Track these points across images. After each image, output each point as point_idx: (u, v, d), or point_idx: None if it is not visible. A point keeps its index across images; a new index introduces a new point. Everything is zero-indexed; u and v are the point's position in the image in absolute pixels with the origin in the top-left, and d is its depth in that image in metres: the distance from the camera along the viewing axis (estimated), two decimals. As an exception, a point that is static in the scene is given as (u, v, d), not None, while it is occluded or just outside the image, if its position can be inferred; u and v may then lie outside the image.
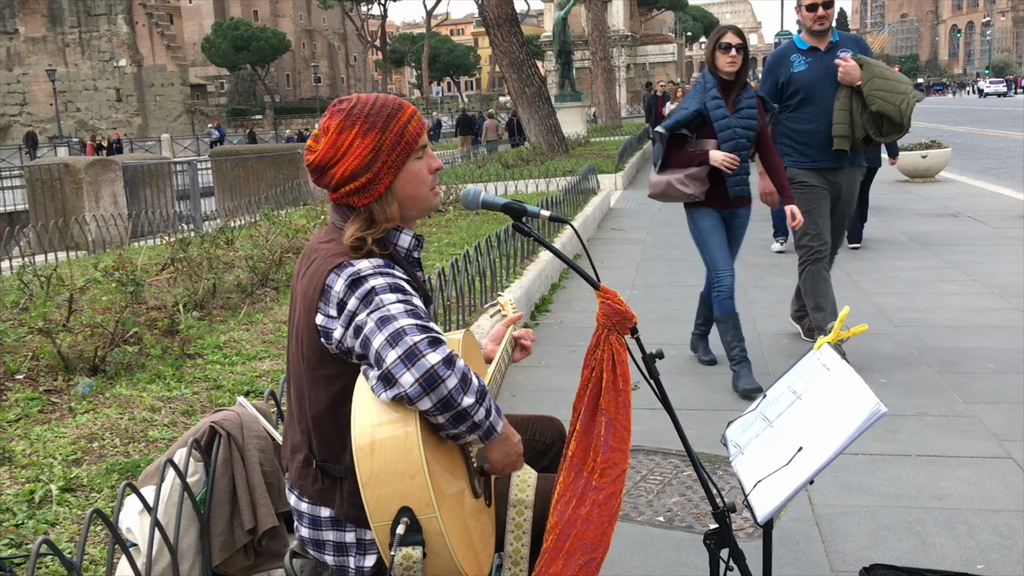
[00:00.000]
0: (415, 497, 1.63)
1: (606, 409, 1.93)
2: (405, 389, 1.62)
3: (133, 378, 3.96)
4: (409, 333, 1.64)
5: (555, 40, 26.23)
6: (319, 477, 1.89)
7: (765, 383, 4.79)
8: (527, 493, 2.00)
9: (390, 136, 1.85)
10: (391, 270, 1.79)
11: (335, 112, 1.86)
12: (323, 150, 1.84)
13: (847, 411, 1.88)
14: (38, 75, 57.55)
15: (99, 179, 11.34)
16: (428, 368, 1.61)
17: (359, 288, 1.74)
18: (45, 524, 2.60)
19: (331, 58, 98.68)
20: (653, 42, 57.82)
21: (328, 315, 1.78)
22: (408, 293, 1.75)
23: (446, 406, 1.64)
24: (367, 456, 1.65)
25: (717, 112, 4.62)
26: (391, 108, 1.87)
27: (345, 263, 1.78)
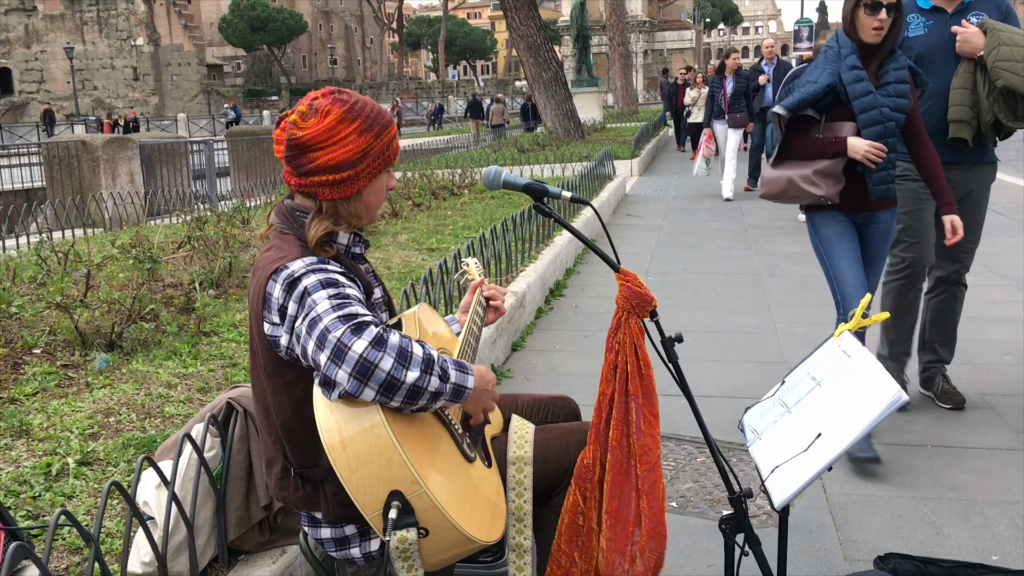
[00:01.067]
0: (398, 479, 1.63)
1: (634, 394, 1.93)
2: (344, 386, 1.61)
3: (149, 354, 3.97)
4: (332, 330, 1.62)
5: (573, 25, 26.14)
6: (300, 485, 1.89)
7: (781, 373, 4.77)
8: (525, 449, 2.01)
9: (380, 144, 1.86)
10: (324, 266, 1.78)
11: (337, 101, 1.84)
12: (315, 132, 1.81)
13: (867, 397, 1.87)
14: (56, 53, 57.73)
15: (116, 157, 11.37)
16: (357, 359, 1.59)
17: (294, 291, 1.73)
18: (62, 497, 2.61)
19: (347, 40, 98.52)
20: (671, 28, 57.43)
21: (273, 322, 1.79)
22: (340, 285, 1.73)
23: (390, 388, 1.61)
24: (340, 453, 1.65)
25: (858, 87, 3.49)
26: (386, 119, 1.88)
27: (280, 267, 1.78)
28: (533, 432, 2.05)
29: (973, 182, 4.04)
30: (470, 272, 2.44)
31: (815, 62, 3.64)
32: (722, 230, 9.63)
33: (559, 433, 2.11)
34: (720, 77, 12.00)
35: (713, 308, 6.26)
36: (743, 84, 11.83)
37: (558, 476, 2.06)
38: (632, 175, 14.94)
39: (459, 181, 10.74)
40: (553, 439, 2.08)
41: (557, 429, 2.13)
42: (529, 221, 6.80)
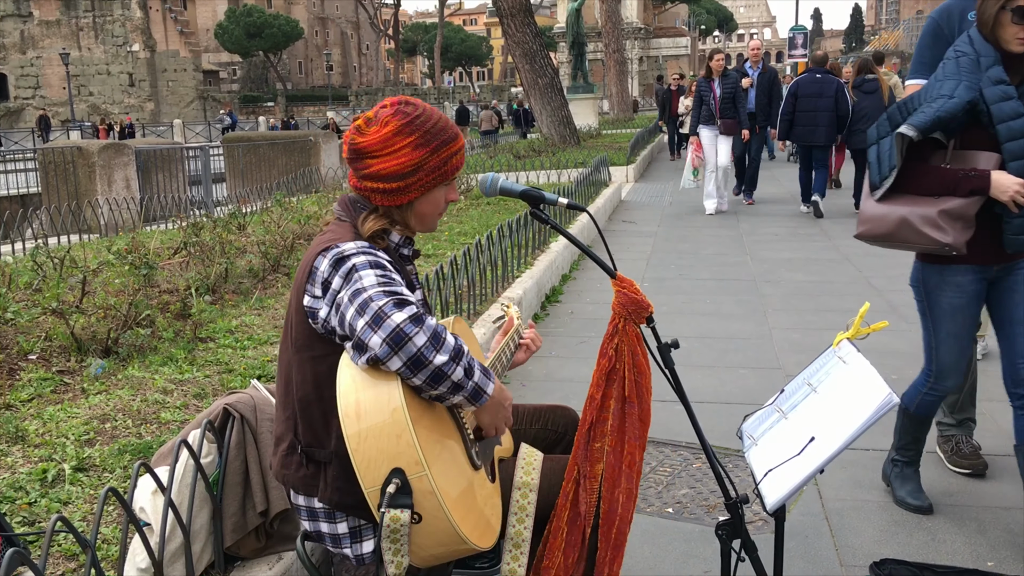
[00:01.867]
0: (404, 456, 1.65)
1: (631, 400, 1.94)
2: (375, 351, 1.65)
3: (145, 360, 3.97)
4: (376, 300, 1.67)
5: (568, 31, 26.14)
6: (303, 463, 1.90)
7: (777, 379, 4.78)
8: (532, 476, 2.01)
9: (436, 159, 1.90)
10: (374, 250, 1.83)
11: (399, 112, 1.89)
12: (374, 140, 1.88)
13: (860, 401, 1.88)
14: (51, 59, 57.69)
15: (112, 163, 11.36)
16: (394, 327, 1.64)
17: (342, 267, 1.78)
18: (58, 503, 2.61)
19: (344, 46, 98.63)
20: (666, 35, 57.63)
21: (314, 295, 1.82)
22: (387, 269, 1.78)
23: (417, 364, 1.65)
24: (353, 420, 1.68)
25: (1006, 107, 2.73)
26: (448, 135, 1.92)
27: (332, 245, 1.83)
28: (542, 461, 2.06)
29: None
30: (508, 314, 2.49)
31: (943, 69, 2.87)
32: (717, 236, 9.65)
33: (567, 465, 2.12)
34: (707, 80, 11.11)
35: (709, 314, 6.28)
36: (732, 87, 10.99)
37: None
38: (628, 181, 14.97)
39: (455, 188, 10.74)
40: (560, 471, 2.08)
41: (566, 462, 2.13)
42: (525, 227, 6.81)
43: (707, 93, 11.01)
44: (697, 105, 11.18)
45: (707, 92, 11.00)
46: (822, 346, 4.23)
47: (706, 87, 11.03)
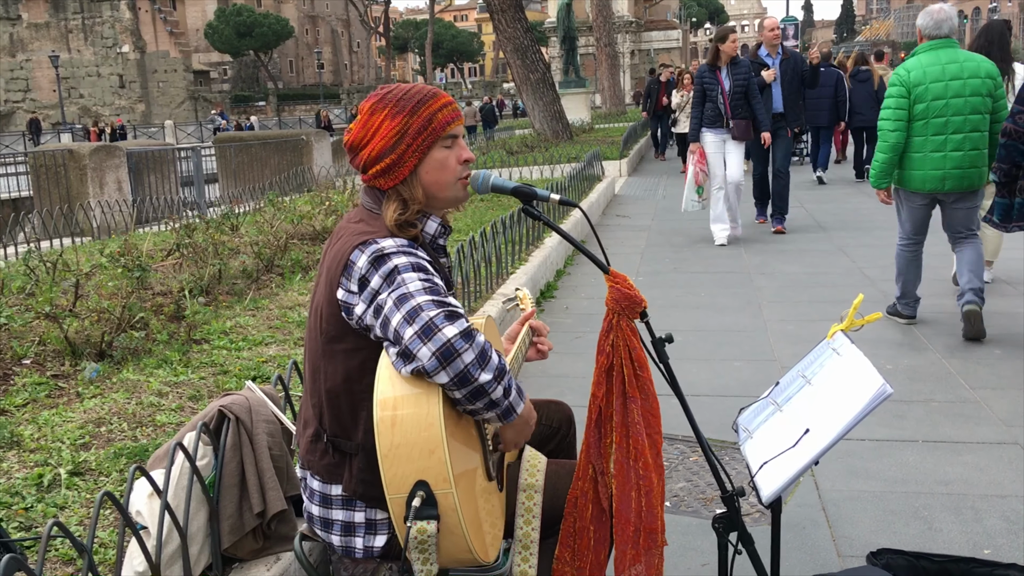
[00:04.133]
0: (433, 472, 1.65)
1: (632, 395, 1.94)
2: (423, 362, 1.64)
3: (140, 363, 3.96)
4: (426, 309, 1.66)
5: (559, 26, 26.12)
6: (329, 451, 1.90)
7: (772, 371, 4.79)
8: (537, 478, 2.01)
9: (417, 120, 1.88)
10: (414, 250, 1.82)
11: (371, 97, 1.93)
12: (356, 131, 1.91)
13: (854, 392, 1.88)
14: (41, 61, 57.49)
15: (103, 165, 11.33)
16: (444, 342, 1.63)
17: (382, 266, 1.76)
18: (54, 508, 2.60)
19: (334, 44, 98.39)
20: (657, 28, 57.50)
21: (349, 290, 1.81)
22: (429, 272, 1.77)
23: (463, 380, 1.65)
24: (388, 429, 1.68)
25: None
26: (423, 95, 1.91)
27: (370, 240, 1.81)
28: (546, 464, 2.07)
29: None
30: (523, 301, 2.48)
31: None
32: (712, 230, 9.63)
33: (571, 468, 2.11)
34: (712, 69, 8.24)
35: (703, 307, 6.28)
36: (745, 77, 8.22)
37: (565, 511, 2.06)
38: (621, 175, 14.98)
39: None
40: (565, 474, 2.08)
41: (570, 466, 2.14)
42: (519, 223, 6.81)
43: (712, 86, 8.24)
44: (699, 102, 8.37)
45: (712, 85, 8.24)
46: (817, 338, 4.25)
47: (711, 78, 8.24)
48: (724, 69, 8.25)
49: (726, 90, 8.23)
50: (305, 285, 5.57)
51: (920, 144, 5.16)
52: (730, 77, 8.23)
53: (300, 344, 4.29)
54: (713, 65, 8.29)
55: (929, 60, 5.16)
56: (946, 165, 5.11)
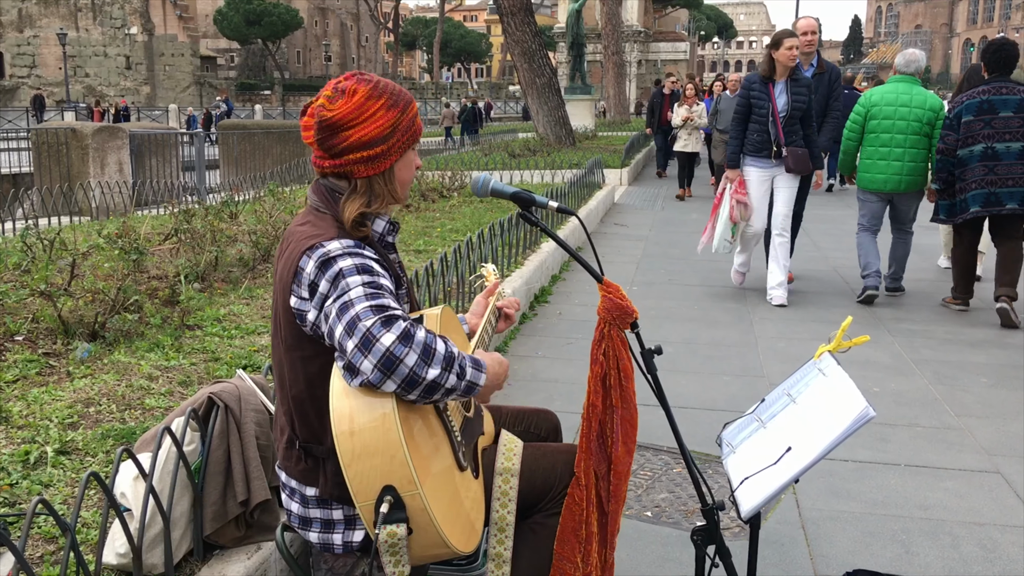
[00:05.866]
0: (397, 475, 1.66)
1: (615, 406, 1.97)
2: (367, 376, 1.64)
3: (132, 346, 3.97)
4: (363, 319, 1.65)
5: (568, 32, 26.15)
6: (302, 458, 1.92)
7: (761, 387, 4.81)
8: (513, 462, 2.03)
9: (407, 119, 1.92)
10: (361, 250, 1.81)
11: (361, 80, 1.89)
12: (345, 111, 1.86)
13: (837, 413, 1.90)
14: (48, 38, 57.39)
15: (105, 146, 11.33)
16: (384, 352, 1.63)
17: (328, 270, 1.76)
18: (39, 485, 2.61)
19: (343, 37, 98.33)
20: (666, 39, 57.62)
21: (301, 297, 1.81)
22: (375, 273, 1.76)
23: (411, 383, 1.65)
24: (347, 439, 1.68)
25: None
26: (408, 96, 1.94)
27: (316, 244, 1.80)
28: (522, 447, 2.09)
29: None
30: (488, 277, 2.50)
31: None
32: (708, 243, 9.67)
33: (547, 452, 2.13)
34: (764, 83, 6.62)
35: (696, 320, 6.31)
36: (805, 98, 6.61)
37: (542, 492, 2.08)
38: (621, 184, 15.01)
39: (449, 184, 10.76)
40: (541, 456, 2.10)
41: (546, 448, 2.15)
42: (517, 226, 6.83)
43: (762, 103, 6.63)
44: (742, 120, 6.73)
45: (762, 101, 6.63)
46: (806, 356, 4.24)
47: (761, 92, 6.63)
48: (780, 84, 6.62)
49: (778, 110, 6.58)
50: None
51: (871, 152, 6.71)
52: (787, 93, 6.58)
53: (292, 335, 4.30)
54: (767, 77, 6.63)
55: (890, 89, 6.70)
56: (889, 171, 6.65)
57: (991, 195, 6.11)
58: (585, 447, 2.04)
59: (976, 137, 6.14)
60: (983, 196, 6.14)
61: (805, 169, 6.68)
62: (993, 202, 6.12)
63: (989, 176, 6.11)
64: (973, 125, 6.15)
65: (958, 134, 6.21)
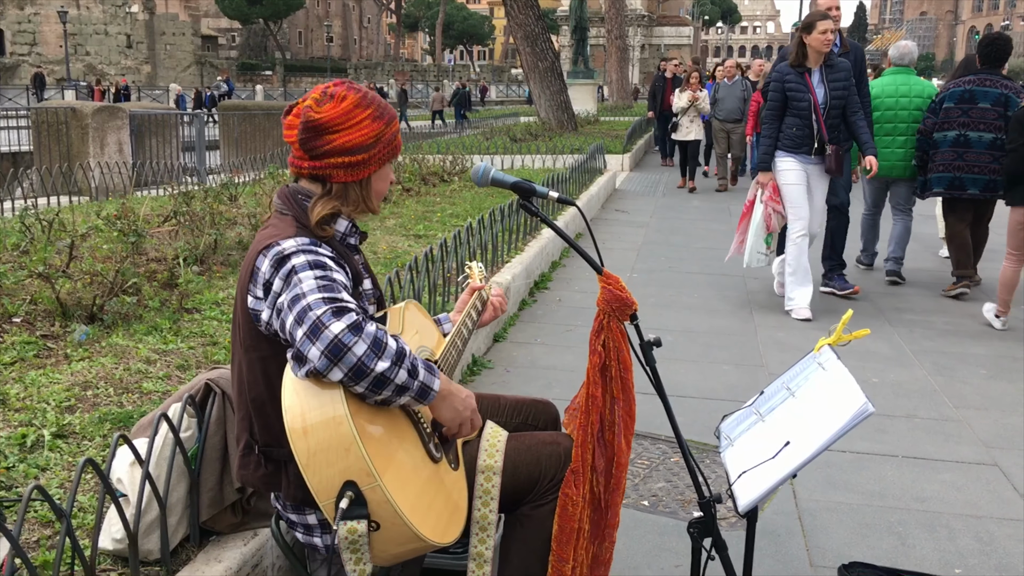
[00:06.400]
0: (354, 469, 1.64)
1: (617, 397, 1.97)
2: (314, 363, 1.63)
3: (130, 329, 3.96)
4: (314, 308, 1.65)
5: (572, 16, 26.07)
6: (262, 463, 1.91)
7: (760, 377, 4.81)
8: (496, 459, 2.01)
9: (389, 132, 1.95)
10: (316, 247, 1.81)
11: (351, 88, 1.91)
12: (332, 115, 1.86)
13: (836, 408, 1.89)
14: (49, 16, 57.12)
15: (105, 126, 11.29)
16: (332, 339, 1.61)
17: (282, 268, 1.76)
18: (36, 468, 2.61)
19: (345, 18, 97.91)
20: (669, 23, 57.35)
21: (256, 296, 1.82)
22: (328, 268, 1.76)
23: (358, 373, 1.63)
24: (301, 438, 1.66)
25: None
26: (393, 112, 1.98)
27: (273, 243, 1.81)
28: (505, 441, 2.06)
29: None
30: (472, 276, 2.48)
31: None
32: (710, 231, 9.67)
33: (532, 444, 2.10)
34: (800, 71, 5.89)
35: (695, 308, 6.30)
36: (845, 85, 5.93)
37: (527, 486, 2.05)
38: (623, 170, 14.97)
39: (449, 168, 10.73)
40: (525, 449, 2.08)
41: (530, 439, 2.12)
42: (517, 212, 6.81)
43: (800, 94, 5.88)
44: (776, 115, 6.01)
45: (800, 93, 5.88)
46: (806, 346, 4.20)
47: (798, 83, 5.89)
48: (816, 72, 5.90)
49: (819, 102, 5.87)
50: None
51: (876, 140, 6.57)
52: (824, 83, 5.88)
53: (291, 320, 4.29)
54: (799, 65, 5.91)
55: (888, 81, 7.14)
56: (893, 158, 7.02)
57: (955, 179, 6.59)
58: (582, 440, 2.02)
59: (952, 124, 6.57)
60: (948, 179, 6.63)
61: (840, 173, 6.14)
62: (956, 186, 6.60)
63: (957, 161, 6.57)
64: (951, 112, 6.60)
65: (936, 118, 6.69)
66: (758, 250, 6.21)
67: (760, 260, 6.26)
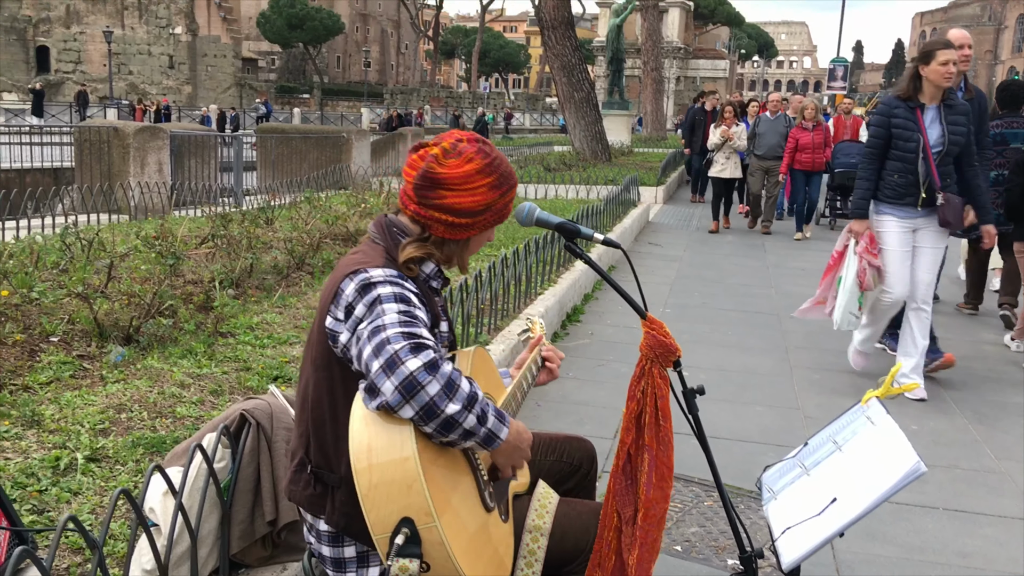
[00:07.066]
0: (414, 507, 1.63)
1: (649, 445, 1.91)
2: (387, 397, 1.62)
3: (165, 351, 3.98)
4: (392, 342, 1.64)
5: (608, 47, 26.13)
6: (311, 483, 1.89)
7: (795, 419, 4.73)
8: (545, 520, 1.98)
9: (502, 202, 1.95)
10: (403, 281, 1.81)
11: (480, 151, 1.91)
12: (455, 174, 1.88)
13: (886, 466, 1.84)
14: (95, 35, 58.34)
15: (146, 146, 11.44)
16: (407, 375, 1.61)
17: (367, 295, 1.76)
18: (68, 493, 2.61)
19: (383, 44, 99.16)
20: (705, 56, 57.50)
21: (336, 318, 1.81)
22: (412, 304, 1.76)
23: (429, 413, 1.62)
24: (365, 469, 1.65)
25: None
26: (513, 180, 1.98)
27: (360, 269, 1.81)
28: (556, 504, 2.03)
29: None
30: (533, 329, 2.48)
31: None
32: (743, 266, 9.59)
33: (583, 512, 2.07)
34: (909, 105, 4.97)
35: (729, 346, 6.22)
36: (964, 127, 5.01)
37: (573, 554, 2.02)
38: (656, 202, 14.92)
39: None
40: (576, 516, 2.04)
41: (582, 507, 2.09)
42: (551, 243, 6.79)
43: (908, 133, 4.96)
44: (877, 155, 5.10)
45: (908, 131, 4.96)
46: (842, 388, 4.09)
47: (907, 119, 4.97)
48: (931, 109, 4.95)
49: (930, 144, 4.91)
50: (334, 286, 5.57)
51: None
52: (941, 123, 4.93)
53: (324, 347, 4.29)
54: (910, 99, 4.99)
55: None
56: None
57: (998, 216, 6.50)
58: (612, 486, 1.99)
59: (989, 165, 6.65)
60: None
61: (959, 224, 5.09)
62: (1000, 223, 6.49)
63: (997, 200, 6.68)
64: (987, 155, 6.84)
65: None
66: (851, 311, 5.32)
67: (853, 323, 5.42)
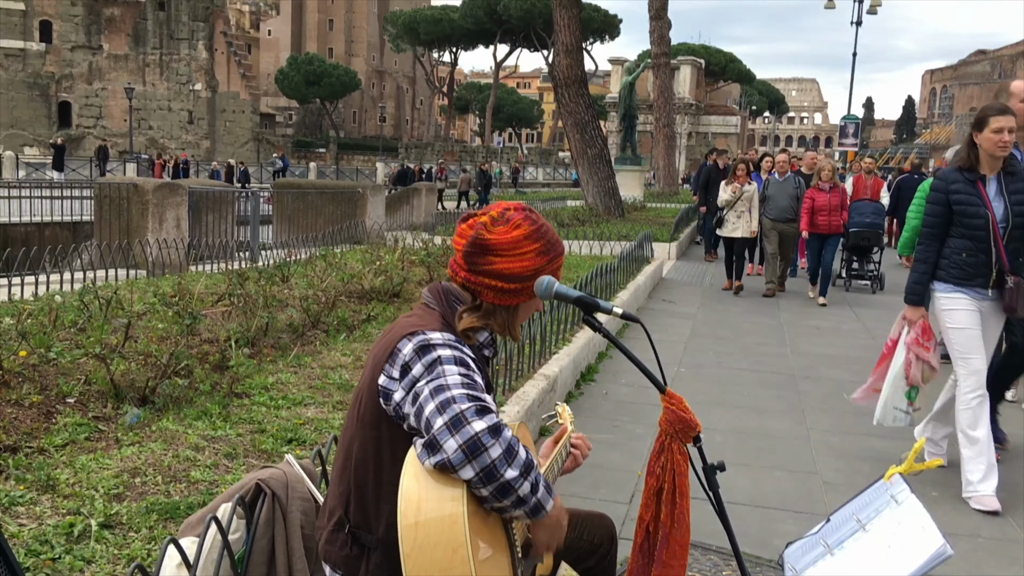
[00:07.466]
0: (456, 571, 1.62)
1: (663, 522, 1.89)
2: (448, 455, 1.63)
3: (180, 412, 3.98)
4: (459, 401, 1.66)
5: (621, 103, 26.45)
6: (348, 543, 1.89)
7: (813, 484, 4.66)
8: None
9: (550, 268, 1.99)
10: (461, 345, 1.84)
11: (528, 219, 1.97)
12: (504, 240, 1.93)
13: (911, 548, 1.81)
14: (116, 91, 59.47)
15: (165, 202, 11.60)
16: (472, 435, 1.62)
17: (426, 355, 1.78)
18: (81, 561, 2.59)
19: (398, 99, 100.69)
20: (717, 112, 58.05)
21: (391, 376, 1.82)
22: (470, 368, 1.78)
23: (489, 476, 1.63)
24: (411, 525, 1.65)
25: None
26: (560, 247, 2.04)
27: (418, 331, 1.84)
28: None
29: None
30: (561, 416, 2.49)
31: None
32: (757, 324, 9.55)
33: None
34: (970, 177, 4.47)
35: (745, 407, 6.17)
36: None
37: None
38: (669, 258, 14.94)
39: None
40: None
41: None
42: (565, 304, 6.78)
43: (975, 208, 4.45)
44: (937, 234, 4.60)
45: (974, 207, 4.45)
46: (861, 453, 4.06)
47: (970, 194, 4.46)
48: (992, 181, 4.46)
49: (996, 219, 4.41)
50: (348, 346, 5.58)
51: None
52: (1004, 196, 4.44)
53: (338, 407, 4.28)
54: (971, 170, 4.49)
55: None
56: None
57: None
58: (631, 566, 1.97)
59: None
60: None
61: None
62: None
63: None
64: None
65: None
66: (895, 405, 4.87)
67: (899, 419, 4.89)
